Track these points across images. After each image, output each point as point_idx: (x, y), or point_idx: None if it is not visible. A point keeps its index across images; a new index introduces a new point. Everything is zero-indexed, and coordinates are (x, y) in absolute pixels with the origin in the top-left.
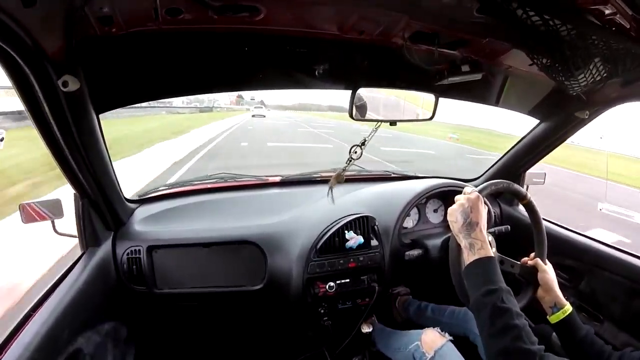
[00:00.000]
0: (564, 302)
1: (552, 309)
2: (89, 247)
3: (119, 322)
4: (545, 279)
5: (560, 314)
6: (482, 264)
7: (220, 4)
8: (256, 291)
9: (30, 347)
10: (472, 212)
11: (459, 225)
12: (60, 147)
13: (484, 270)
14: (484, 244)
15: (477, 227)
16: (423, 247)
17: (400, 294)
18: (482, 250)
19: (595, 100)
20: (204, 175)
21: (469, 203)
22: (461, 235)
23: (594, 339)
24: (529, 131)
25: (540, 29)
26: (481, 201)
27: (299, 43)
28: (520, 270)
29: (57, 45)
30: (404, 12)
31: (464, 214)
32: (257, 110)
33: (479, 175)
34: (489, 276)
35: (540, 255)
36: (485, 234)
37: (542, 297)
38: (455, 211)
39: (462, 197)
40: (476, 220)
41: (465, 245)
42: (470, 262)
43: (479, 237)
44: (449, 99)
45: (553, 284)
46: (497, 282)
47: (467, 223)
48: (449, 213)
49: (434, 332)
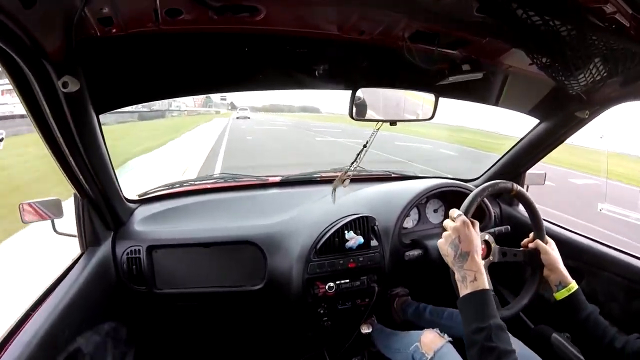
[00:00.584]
0: (569, 280)
1: (557, 287)
2: (88, 246)
3: (118, 322)
4: (548, 259)
5: (564, 291)
6: (473, 299)
7: (220, 4)
8: (256, 291)
9: (30, 347)
10: (460, 242)
11: (450, 258)
12: (60, 147)
13: (475, 305)
14: (477, 275)
15: (469, 257)
16: (423, 247)
17: (398, 294)
18: (475, 282)
19: (595, 99)
20: (204, 175)
21: (456, 233)
22: (454, 267)
23: (598, 319)
24: (529, 131)
25: (540, 28)
26: (468, 225)
27: (299, 43)
28: (524, 257)
29: (57, 46)
30: (403, 12)
31: (453, 245)
32: (242, 112)
33: (479, 175)
34: (479, 312)
35: (539, 236)
36: (480, 260)
37: (548, 276)
38: (444, 244)
39: (449, 224)
40: (467, 250)
41: (458, 278)
42: (462, 296)
43: (472, 268)
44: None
45: (557, 263)
46: (488, 318)
47: (458, 255)
48: (439, 246)
49: (434, 333)
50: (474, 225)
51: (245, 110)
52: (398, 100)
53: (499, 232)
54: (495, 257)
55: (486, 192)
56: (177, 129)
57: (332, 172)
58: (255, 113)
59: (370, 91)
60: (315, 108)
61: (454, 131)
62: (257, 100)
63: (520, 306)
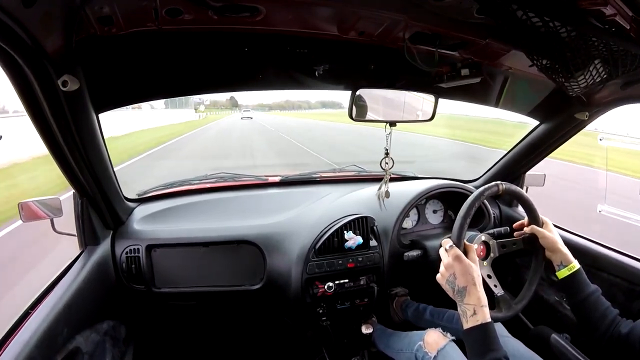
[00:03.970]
0: (571, 260)
1: (559, 266)
2: (88, 245)
3: (117, 320)
4: (546, 242)
5: (565, 270)
6: (473, 333)
7: (220, 4)
8: (255, 291)
9: (29, 345)
10: (456, 278)
11: (450, 294)
12: (59, 146)
13: (475, 339)
14: (476, 309)
15: (466, 292)
16: (422, 248)
17: (398, 294)
18: (474, 316)
19: (595, 101)
20: (204, 175)
21: (450, 270)
22: (456, 301)
23: (598, 300)
24: (529, 132)
25: (540, 30)
26: (460, 258)
27: (299, 43)
28: (524, 244)
29: (57, 45)
30: (403, 13)
31: (450, 283)
32: (246, 113)
33: (479, 176)
34: (479, 346)
35: (533, 221)
36: (480, 291)
37: (550, 257)
38: (442, 280)
39: (444, 257)
40: (464, 285)
41: (460, 312)
42: (464, 330)
43: (471, 302)
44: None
45: (556, 244)
46: (486, 352)
47: (457, 291)
48: (438, 282)
49: (437, 332)
50: (469, 252)
51: (249, 112)
52: (398, 100)
53: (498, 233)
54: (496, 252)
55: (473, 208)
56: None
57: (331, 172)
58: (261, 113)
59: (371, 92)
60: (337, 103)
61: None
62: (268, 98)
63: (521, 306)
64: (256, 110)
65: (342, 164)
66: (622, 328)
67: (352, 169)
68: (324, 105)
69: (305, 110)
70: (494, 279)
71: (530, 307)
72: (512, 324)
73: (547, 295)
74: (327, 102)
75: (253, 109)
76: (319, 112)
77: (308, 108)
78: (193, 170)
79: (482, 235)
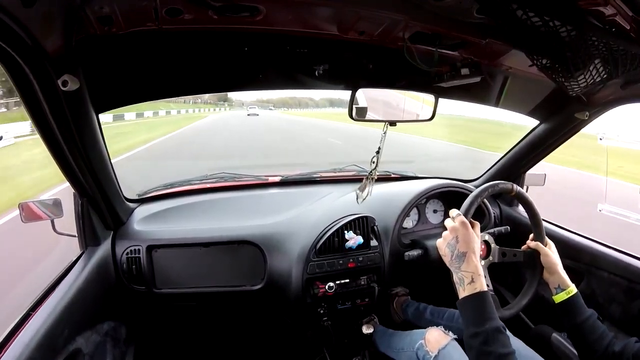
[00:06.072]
0: (568, 284)
1: (556, 289)
2: (88, 246)
3: (118, 321)
4: (547, 262)
5: (563, 294)
6: (470, 302)
7: (220, 4)
8: (256, 291)
9: (30, 346)
10: (458, 242)
11: (448, 259)
12: (59, 146)
13: (472, 308)
14: (474, 276)
15: (466, 258)
16: (422, 247)
17: (398, 294)
18: (472, 284)
19: (595, 101)
20: (204, 175)
21: (454, 234)
22: (452, 268)
23: (595, 324)
24: (529, 132)
25: (540, 29)
26: (467, 226)
27: (299, 43)
28: (524, 258)
29: (57, 45)
30: (403, 13)
31: (450, 246)
32: (252, 110)
33: (479, 175)
34: (476, 315)
35: (539, 238)
36: (478, 261)
37: (548, 279)
38: (442, 244)
39: (449, 224)
40: (464, 251)
41: (456, 280)
42: (460, 299)
43: (469, 269)
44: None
45: (556, 266)
46: (484, 322)
47: (455, 256)
48: (438, 246)
49: (438, 331)
50: (474, 227)
51: (254, 108)
52: (398, 100)
53: (499, 233)
54: (495, 258)
55: (486, 192)
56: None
57: (331, 172)
58: (265, 110)
59: (371, 91)
60: (345, 101)
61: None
62: (272, 94)
63: (521, 306)
64: (254, 106)
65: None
66: (616, 347)
67: (352, 169)
68: (332, 104)
69: (313, 108)
70: (487, 279)
71: (531, 306)
72: (513, 323)
73: (547, 295)
74: (335, 100)
75: (251, 105)
76: (331, 111)
77: (315, 106)
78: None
79: (485, 234)
